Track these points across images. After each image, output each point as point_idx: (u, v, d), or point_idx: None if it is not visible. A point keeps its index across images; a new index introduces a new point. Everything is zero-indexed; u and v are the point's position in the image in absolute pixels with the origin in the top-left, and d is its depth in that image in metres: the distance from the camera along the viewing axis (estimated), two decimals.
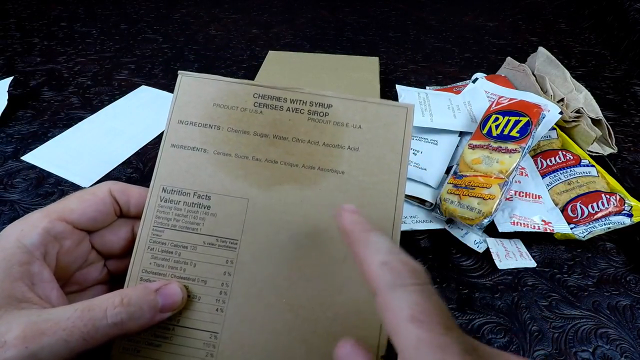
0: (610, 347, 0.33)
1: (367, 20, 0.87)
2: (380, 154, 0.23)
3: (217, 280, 0.22)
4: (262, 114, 0.24)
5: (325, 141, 0.23)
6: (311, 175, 0.23)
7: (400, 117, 0.24)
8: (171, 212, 0.23)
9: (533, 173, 0.44)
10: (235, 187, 0.23)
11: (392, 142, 0.23)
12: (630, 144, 0.54)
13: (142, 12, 0.88)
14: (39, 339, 0.17)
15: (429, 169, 0.44)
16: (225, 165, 0.23)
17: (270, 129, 0.23)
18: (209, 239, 0.22)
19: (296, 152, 0.23)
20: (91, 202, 0.22)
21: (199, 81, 0.24)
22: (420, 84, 0.65)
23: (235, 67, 0.69)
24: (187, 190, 0.23)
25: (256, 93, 0.24)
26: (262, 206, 0.23)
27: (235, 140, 0.23)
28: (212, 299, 0.22)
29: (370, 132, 0.23)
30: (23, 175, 0.47)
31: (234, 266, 0.22)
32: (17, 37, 0.77)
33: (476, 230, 0.39)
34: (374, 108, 0.24)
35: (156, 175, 0.23)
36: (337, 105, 0.24)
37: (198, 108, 0.24)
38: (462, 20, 0.88)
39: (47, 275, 0.20)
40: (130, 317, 0.19)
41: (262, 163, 0.23)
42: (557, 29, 0.86)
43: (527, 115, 0.42)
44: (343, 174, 0.23)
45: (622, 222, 0.39)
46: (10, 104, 0.56)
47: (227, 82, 0.24)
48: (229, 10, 0.90)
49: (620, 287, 0.37)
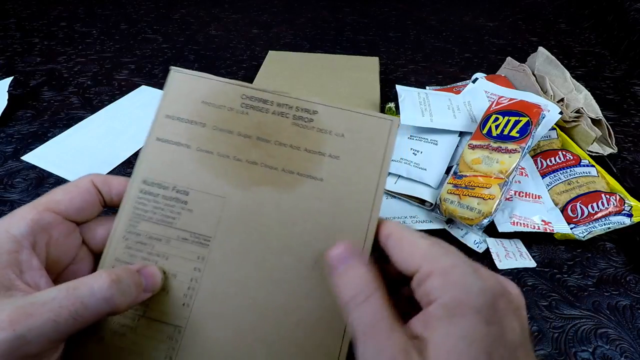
0: (610, 347, 0.33)
1: (367, 20, 0.87)
2: (360, 164, 0.23)
3: (186, 275, 0.22)
4: (247, 115, 0.24)
5: (307, 147, 0.23)
6: (289, 180, 0.23)
7: (384, 129, 0.24)
8: (149, 204, 0.23)
9: (533, 173, 0.44)
10: (214, 185, 0.23)
11: (373, 154, 0.23)
12: (630, 144, 0.54)
13: (142, 12, 0.88)
14: (25, 321, 0.17)
15: (429, 169, 0.44)
16: (206, 163, 0.23)
17: (254, 131, 0.24)
18: (183, 233, 0.23)
19: (277, 155, 0.23)
20: (76, 192, 0.22)
21: (190, 78, 0.24)
22: (420, 84, 0.65)
23: (235, 67, 0.69)
24: (166, 184, 0.23)
25: (244, 94, 0.24)
26: (238, 206, 0.23)
27: (218, 138, 0.23)
28: (179, 293, 0.22)
29: (353, 142, 0.24)
30: (23, 175, 0.47)
31: (204, 263, 0.22)
32: (17, 37, 0.77)
33: (476, 231, 0.39)
34: (359, 118, 0.24)
35: (139, 167, 0.23)
36: (323, 112, 0.24)
37: (187, 104, 0.24)
38: (462, 20, 0.88)
39: (36, 263, 0.20)
40: (120, 293, 0.19)
41: (242, 163, 0.23)
42: (557, 29, 0.86)
43: (527, 115, 0.42)
44: (321, 181, 0.23)
45: (622, 222, 0.39)
46: (10, 104, 0.56)
47: (218, 81, 0.24)
48: (229, 10, 0.90)
49: (620, 287, 0.37)
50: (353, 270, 0.20)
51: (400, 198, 0.44)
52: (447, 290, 0.18)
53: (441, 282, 0.18)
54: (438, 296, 0.18)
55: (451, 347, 0.16)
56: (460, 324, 0.17)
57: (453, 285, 0.18)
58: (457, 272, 0.18)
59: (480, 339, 0.16)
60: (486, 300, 0.17)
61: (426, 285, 0.18)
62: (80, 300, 0.18)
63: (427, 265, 0.19)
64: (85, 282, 0.18)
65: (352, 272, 0.20)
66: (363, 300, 0.18)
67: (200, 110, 0.24)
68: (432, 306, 0.18)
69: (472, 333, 0.16)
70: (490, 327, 0.17)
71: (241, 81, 0.24)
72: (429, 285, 0.18)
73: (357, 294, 0.19)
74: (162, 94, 0.24)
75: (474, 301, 0.17)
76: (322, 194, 0.23)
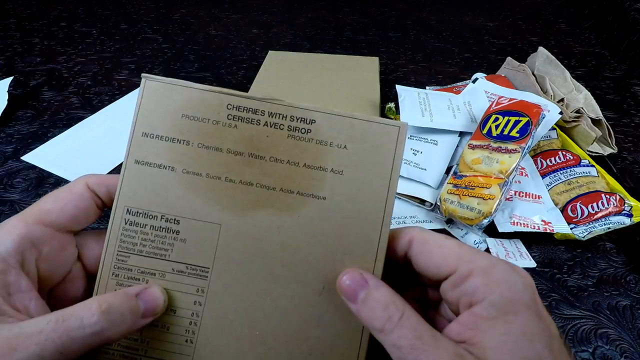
0: (610, 348, 0.33)
1: (367, 20, 0.87)
2: (367, 178, 0.21)
3: (186, 310, 0.21)
4: (236, 129, 0.21)
5: (306, 162, 0.21)
6: (289, 201, 0.21)
7: (391, 137, 0.21)
8: (137, 236, 0.21)
9: (533, 173, 0.44)
10: (207, 211, 0.21)
11: (380, 165, 0.21)
12: (630, 144, 0.54)
13: (142, 12, 0.88)
14: (9, 356, 0.16)
15: (429, 169, 0.44)
16: (195, 186, 0.21)
17: (245, 146, 0.21)
18: (178, 266, 0.21)
19: (274, 173, 0.21)
20: (68, 199, 0.21)
21: (165, 87, 0.21)
22: (420, 84, 0.65)
23: (235, 67, 0.69)
24: (153, 213, 0.21)
25: (230, 104, 0.21)
26: (235, 232, 0.21)
27: (206, 157, 0.21)
28: (181, 329, 0.21)
29: (357, 154, 0.21)
30: (23, 175, 0.47)
31: (204, 296, 0.21)
32: (17, 37, 0.77)
33: (476, 231, 0.39)
34: (362, 126, 0.21)
35: (119, 195, 0.21)
36: (321, 121, 0.22)
37: (164, 119, 0.21)
38: (462, 20, 0.88)
39: (25, 284, 0.18)
40: (110, 325, 0.17)
41: (236, 185, 0.21)
42: (557, 29, 0.86)
43: (527, 116, 0.42)
44: (324, 200, 0.21)
45: (622, 222, 0.39)
46: (10, 104, 0.56)
47: (198, 89, 0.21)
48: (229, 10, 0.90)
49: (620, 287, 0.37)
50: (375, 294, 0.19)
51: (400, 198, 0.44)
52: (493, 289, 0.17)
53: (484, 281, 0.17)
54: (484, 296, 0.17)
55: (513, 346, 0.16)
56: (516, 322, 0.16)
57: (498, 283, 0.17)
58: (498, 270, 0.18)
59: (538, 334, 0.16)
60: (531, 296, 0.17)
61: (467, 286, 0.18)
62: (68, 334, 0.16)
63: (464, 265, 0.18)
64: (75, 314, 0.17)
65: (374, 296, 0.18)
66: (398, 320, 0.17)
67: (181, 125, 0.21)
68: (477, 307, 0.17)
69: (531, 329, 0.16)
70: (541, 322, 0.17)
71: (224, 88, 0.21)
72: (470, 285, 0.17)
73: (389, 316, 0.18)
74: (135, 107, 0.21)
75: (522, 297, 0.17)
76: (327, 214, 0.21)
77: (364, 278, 0.19)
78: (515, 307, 0.17)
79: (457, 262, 0.18)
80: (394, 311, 0.18)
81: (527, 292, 0.17)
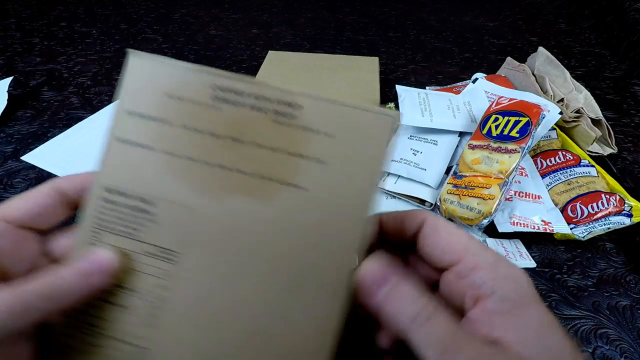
0: (610, 348, 0.33)
1: (367, 20, 0.87)
2: (353, 171, 0.20)
3: (151, 293, 0.20)
4: (220, 111, 0.20)
5: (289, 149, 0.20)
6: (268, 188, 0.20)
7: (383, 128, 0.20)
8: (111, 214, 0.20)
9: (533, 173, 0.44)
10: (182, 194, 0.20)
11: (369, 157, 0.20)
12: (630, 144, 0.54)
13: (142, 12, 0.88)
14: None
15: (429, 169, 0.44)
16: (173, 168, 0.20)
17: (227, 129, 0.20)
18: (148, 247, 0.20)
19: (254, 159, 0.20)
20: (33, 197, 0.21)
21: (151, 64, 0.20)
22: (420, 84, 0.65)
23: (235, 67, 0.69)
24: (130, 192, 0.20)
25: (215, 84, 0.20)
26: (209, 218, 0.20)
27: (186, 139, 0.20)
28: (144, 312, 0.20)
29: (345, 144, 0.20)
30: (23, 175, 0.47)
31: (171, 280, 0.20)
32: (17, 37, 0.77)
33: (476, 231, 0.39)
34: (352, 114, 0.20)
35: (99, 171, 0.21)
36: (309, 107, 0.20)
37: (149, 97, 0.20)
38: (462, 20, 0.88)
39: None
40: (60, 286, 0.18)
41: (212, 168, 0.20)
42: (557, 29, 0.86)
43: (527, 116, 0.42)
44: (305, 191, 0.20)
45: (622, 222, 0.39)
46: (10, 104, 0.56)
47: (183, 68, 0.20)
48: (229, 10, 0.90)
49: (619, 287, 0.37)
50: (400, 289, 0.18)
51: (400, 198, 0.44)
52: (501, 284, 0.17)
53: (491, 275, 0.17)
54: (493, 290, 0.17)
55: (536, 336, 0.16)
56: (531, 314, 0.16)
57: (505, 277, 0.17)
58: (503, 266, 0.18)
59: (554, 322, 0.16)
60: (534, 291, 0.17)
61: (473, 278, 0.17)
62: (20, 297, 0.17)
63: (470, 257, 0.18)
64: (28, 278, 0.18)
65: (400, 291, 0.18)
66: (427, 316, 0.17)
67: (165, 105, 0.20)
68: (488, 302, 0.17)
69: (547, 319, 0.16)
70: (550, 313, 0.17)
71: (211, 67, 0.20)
72: (477, 278, 0.17)
73: (418, 312, 0.17)
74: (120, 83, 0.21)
75: (529, 291, 0.17)
76: (306, 205, 0.20)
77: (390, 270, 0.18)
78: (525, 300, 0.17)
79: (463, 252, 0.18)
80: (423, 308, 0.17)
81: (531, 287, 0.17)
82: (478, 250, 0.18)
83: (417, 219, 0.20)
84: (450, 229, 0.19)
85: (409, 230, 0.20)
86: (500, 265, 0.18)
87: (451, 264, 0.18)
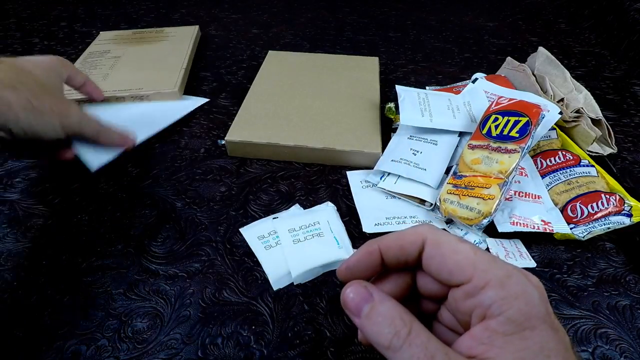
0: (609, 347, 0.33)
1: (367, 20, 0.87)
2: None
3: None
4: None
5: None
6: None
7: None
8: None
9: (533, 173, 0.44)
10: None
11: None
12: (630, 144, 0.54)
13: (142, 12, 0.88)
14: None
15: (429, 169, 0.44)
16: None
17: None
18: None
19: None
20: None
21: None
22: (420, 84, 0.65)
23: (235, 67, 0.69)
24: None
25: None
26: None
27: None
28: None
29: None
30: (23, 175, 0.47)
31: None
32: (17, 37, 0.77)
33: (476, 231, 0.39)
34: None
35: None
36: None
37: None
38: (462, 20, 0.88)
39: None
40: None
41: None
42: (557, 29, 0.86)
43: (526, 116, 0.42)
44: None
45: (622, 222, 0.39)
46: None
47: None
48: (229, 10, 0.90)
49: (619, 287, 0.37)
50: (380, 308, 0.18)
51: (400, 198, 0.44)
52: (510, 304, 0.16)
53: (501, 295, 0.17)
54: (501, 310, 0.16)
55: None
56: (533, 338, 0.16)
57: (515, 297, 0.17)
58: (514, 282, 0.17)
59: (555, 348, 0.16)
60: (546, 307, 0.17)
61: (482, 298, 0.17)
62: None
63: (480, 275, 0.17)
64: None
65: (379, 310, 0.18)
66: (406, 336, 0.17)
67: None
68: (493, 321, 0.16)
69: (548, 344, 0.16)
70: (557, 334, 0.16)
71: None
72: (486, 298, 0.17)
73: (396, 332, 0.17)
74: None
75: (539, 311, 0.16)
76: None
77: (369, 291, 0.18)
78: (532, 322, 0.16)
79: (472, 270, 0.18)
80: (401, 326, 0.17)
81: (542, 304, 0.17)
82: (487, 266, 0.18)
83: (417, 242, 0.20)
84: (454, 245, 0.19)
85: (410, 255, 0.20)
86: (511, 282, 0.17)
87: (460, 283, 0.18)
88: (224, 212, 0.43)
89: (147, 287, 0.36)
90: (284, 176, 0.48)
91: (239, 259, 0.39)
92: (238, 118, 0.52)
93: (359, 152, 0.48)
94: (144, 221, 0.42)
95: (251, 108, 0.53)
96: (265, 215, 0.43)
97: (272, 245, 0.39)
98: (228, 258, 0.39)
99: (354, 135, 0.49)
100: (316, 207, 0.43)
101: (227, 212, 0.43)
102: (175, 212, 0.43)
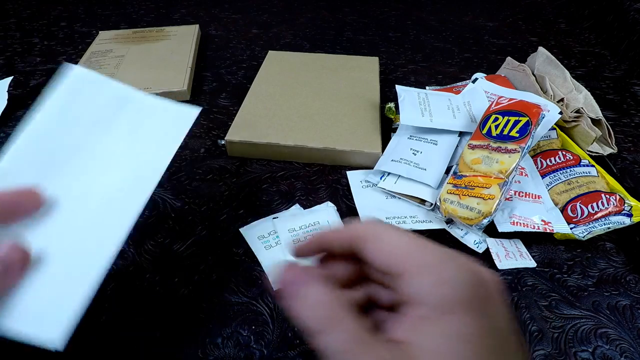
0: (610, 347, 0.33)
1: (367, 20, 0.87)
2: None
3: None
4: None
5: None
6: None
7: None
8: None
9: (533, 173, 0.44)
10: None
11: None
12: (630, 144, 0.54)
13: (142, 12, 0.88)
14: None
15: (429, 169, 0.44)
16: None
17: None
18: None
19: None
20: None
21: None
22: (420, 84, 0.65)
23: (235, 67, 0.69)
24: None
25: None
26: None
27: None
28: None
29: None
30: None
31: None
32: (17, 37, 0.77)
33: (476, 231, 0.39)
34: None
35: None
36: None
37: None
38: (462, 20, 0.88)
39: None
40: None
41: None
42: (557, 29, 0.86)
43: (526, 115, 0.42)
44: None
45: (622, 222, 0.39)
46: (10, 104, 0.56)
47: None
48: (229, 10, 0.90)
49: (620, 287, 0.37)
50: (313, 294, 0.18)
51: (400, 198, 0.44)
52: (436, 290, 0.17)
53: (430, 280, 0.17)
54: (423, 296, 0.17)
55: (448, 347, 0.16)
56: (448, 322, 0.16)
57: (442, 283, 0.17)
58: (446, 268, 0.17)
59: (476, 334, 0.16)
60: (474, 292, 0.17)
61: (414, 285, 0.17)
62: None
63: (412, 263, 0.18)
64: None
65: (312, 296, 0.18)
66: (334, 324, 0.17)
67: None
68: (417, 307, 0.17)
69: (464, 329, 0.16)
70: (483, 320, 0.16)
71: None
72: (417, 284, 0.17)
73: (325, 316, 0.17)
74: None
75: (462, 296, 0.17)
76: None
77: (304, 274, 0.19)
78: (451, 307, 0.16)
79: (405, 260, 0.18)
80: (331, 311, 0.17)
81: (468, 289, 0.17)
82: (420, 254, 0.18)
83: (360, 237, 0.20)
84: (392, 237, 0.19)
85: (356, 248, 0.20)
86: (443, 267, 0.17)
87: (398, 274, 0.18)
88: (224, 212, 0.43)
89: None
90: (284, 176, 0.48)
91: (239, 259, 0.39)
92: (238, 118, 0.52)
93: (359, 152, 0.48)
94: (143, 221, 0.42)
95: (251, 108, 0.53)
96: (265, 215, 0.43)
97: (272, 245, 0.39)
98: (228, 258, 0.39)
99: (354, 135, 0.49)
100: (316, 207, 0.43)
101: (227, 212, 0.43)
102: (175, 212, 0.43)
